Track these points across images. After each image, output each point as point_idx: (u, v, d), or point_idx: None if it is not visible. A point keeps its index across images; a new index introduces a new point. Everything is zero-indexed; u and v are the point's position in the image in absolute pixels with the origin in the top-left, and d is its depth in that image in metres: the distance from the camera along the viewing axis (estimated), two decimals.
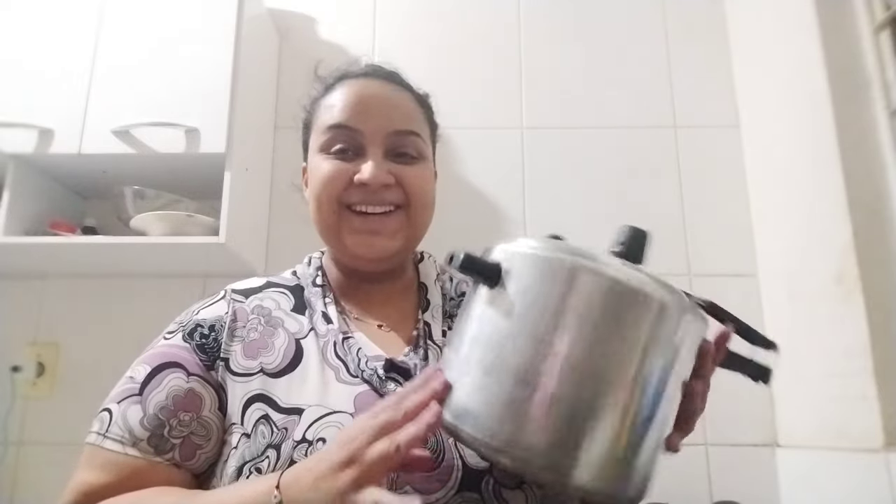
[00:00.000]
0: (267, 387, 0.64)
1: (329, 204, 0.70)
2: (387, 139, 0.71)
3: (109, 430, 0.62)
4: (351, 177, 0.70)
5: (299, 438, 0.59)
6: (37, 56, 1.34)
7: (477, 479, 0.59)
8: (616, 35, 1.65)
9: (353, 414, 0.61)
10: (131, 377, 0.65)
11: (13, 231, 1.28)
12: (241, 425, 0.62)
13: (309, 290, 0.74)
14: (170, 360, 0.65)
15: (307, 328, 0.70)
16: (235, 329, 0.68)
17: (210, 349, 0.66)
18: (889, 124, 1.15)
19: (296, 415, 0.61)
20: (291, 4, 1.67)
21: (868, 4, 1.21)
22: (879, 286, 1.12)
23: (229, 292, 0.73)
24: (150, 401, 0.63)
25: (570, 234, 1.72)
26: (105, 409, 0.64)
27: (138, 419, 0.62)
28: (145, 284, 1.49)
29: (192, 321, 0.69)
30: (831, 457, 1.18)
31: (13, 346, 1.46)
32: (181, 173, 1.38)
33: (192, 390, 0.64)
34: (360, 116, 0.71)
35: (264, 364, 0.66)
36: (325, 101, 0.75)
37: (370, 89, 0.74)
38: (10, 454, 1.40)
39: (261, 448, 0.59)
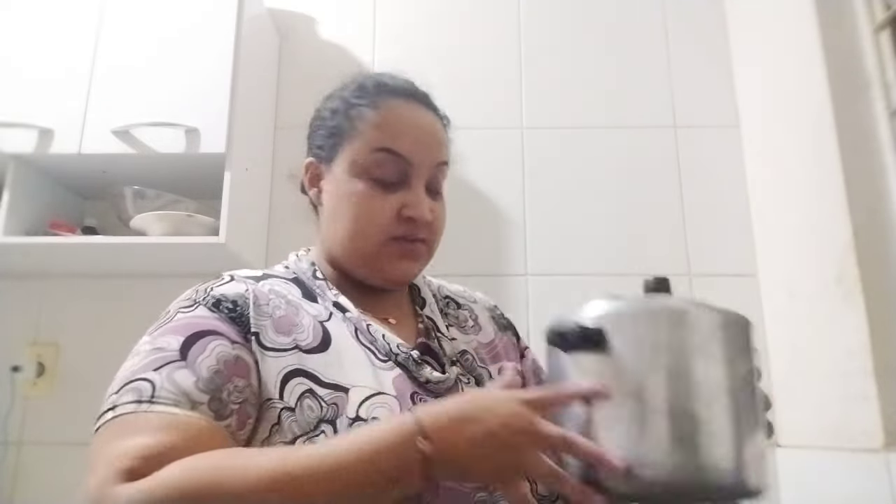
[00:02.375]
0: (305, 362, 0.62)
1: (376, 237, 0.70)
2: (430, 171, 0.72)
3: (157, 396, 0.54)
4: (396, 210, 0.70)
5: (353, 416, 0.59)
6: (37, 56, 1.34)
7: None
8: (616, 35, 1.65)
9: (396, 397, 0.62)
10: (158, 348, 0.59)
11: (13, 231, 1.28)
12: (281, 399, 0.60)
13: (311, 283, 0.73)
14: (205, 329, 0.61)
15: (326, 314, 0.69)
16: (259, 305, 0.65)
17: (240, 322, 0.63)
18: (889, 124, 1.15)
19: (342, 392, 0.61)
20: (291, 4, 1.67)
21: (868, 4, 1.21)
22: (879, 286, 1.12)
23: (238, 276, 0.70)
24: (200, 365, 0.57)
25: (570, 234, 1.71)
26: (137, 379, 0.56)
27: (192, 382, 0.56)
28: (145, 284, 1.49)
29: (210, 295, 0.65)
30: (831, 457, 1.18)
31: (13, 346, 1.46)
32: (181, 173, 1.38)
33: (239, 357, 0.60)
34: (411, 146, 0.71)
35: (298, 340, 0.64)
36: (369, 116, 0.72)
37: (420, 117, 0.74)
38: (10, 454, 1.40)
39: (312, 422, 0.58)
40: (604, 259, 1.51)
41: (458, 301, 0.85)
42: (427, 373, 0.67)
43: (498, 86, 1.62)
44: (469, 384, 0.71)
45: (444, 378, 0.68)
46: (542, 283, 1.50)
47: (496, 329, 0.85)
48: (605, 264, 1.50)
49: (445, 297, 0.85)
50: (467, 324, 0.82)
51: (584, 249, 1.52)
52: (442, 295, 0.85)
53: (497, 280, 1.50)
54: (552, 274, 1.50)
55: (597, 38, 1.65)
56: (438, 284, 0.87)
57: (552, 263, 1.51)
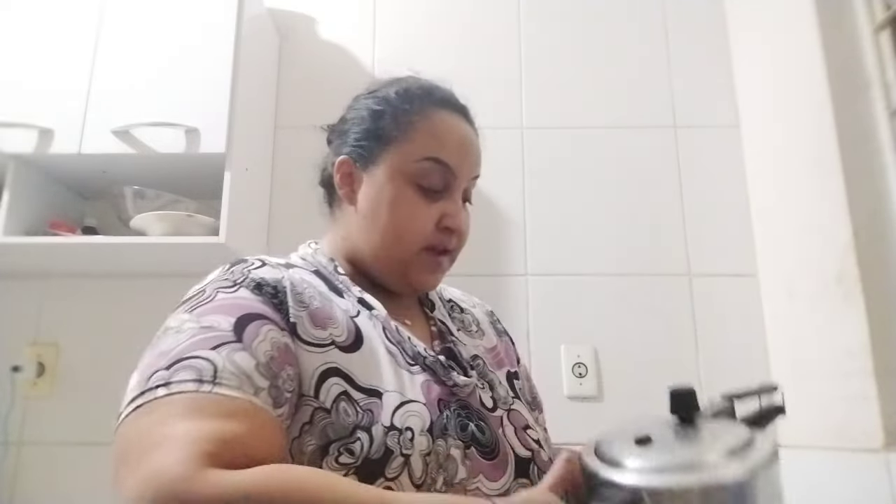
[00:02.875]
0: (342, 361, 0.60)
1: (411, 244, 0.71)
2: (467, 182, 0.75)
3: (220, 377, 0.50)
4: (437, 220, 0.71)
5: (388, 424, 0.57)
6: (37, 56, 1.34)
7: (525, 466, 0.65)
8: (616, 35, 1.65)
9: (426, 404, 0.61)
10: (208, 327, 0.54)
11: (13, 231, 1.28)
12: (316, 399, 0.57)
13: (334, 277, 0.72)
14: (254, 312, 0.57)
15: (354, 310, 0.68)
16: (296, 293, 0.62)
17: (281, 309, 0.60)
18: (889, 124, 1.15)
19: (375, 397, 0.59)
20: (291, 4, 1.67)
21: (868, 4, 1.21)
22: (879, 286, 1.12)
23: (269, 261, 0.67)
24: (257, 349, 0.54)
25: (570, 234, 1.71)
26: (192, 357, 0.51)
27: (252, 366, 0.52)
28: (145, 284, 1.49)
29: (250, 277, 0.61)
30: (831, 457, 1.18)
31: (13, 346, 1.46)
32: (181, 173, 1.38)
33: (287, 345, 0.57)
34: (457, 157, 0.73)
35: (334, 336, 0.62)
36: (420, 124, 0.72)
37: (465, 129, 0.76)
38: (10, 454, 1.40)
39: (348, 428, 0.56)
40: (604, 259, 1.51)
41: (460, 305, 0.86)
42: (455, 377, 0.67)
43: (498, 86, 1.62)
44: (484, 389, 0.70)
45: (469, 382, 0.68)
46: (542, 283, 1.50)
47: (495, 334, 0.86)
48: (605, 264, 1.50)
49: (449, 300, 0.85)
50: (472, 328, 0.83)
51: (584, 249, 1.52)
52: (445, 298, 0.85)
53: (497, 280, 1.50)
54: (552, 274, 1.50)
55: (597, 38, 1.65)
56: (441, 287, 0.86)
57: (552, 263, 1.51)
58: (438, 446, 0.58)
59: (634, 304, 1.48)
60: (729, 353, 1.44)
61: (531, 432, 0.69)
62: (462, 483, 0.58)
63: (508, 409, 0.70)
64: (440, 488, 0.56)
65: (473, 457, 0.60)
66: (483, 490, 0.59)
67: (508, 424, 0.68)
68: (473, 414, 0.65)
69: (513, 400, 0.73)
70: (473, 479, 0.59)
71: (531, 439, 0.68)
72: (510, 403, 0.72)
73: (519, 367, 0.84)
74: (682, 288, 1.49)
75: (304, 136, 1.65)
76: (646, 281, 1.49)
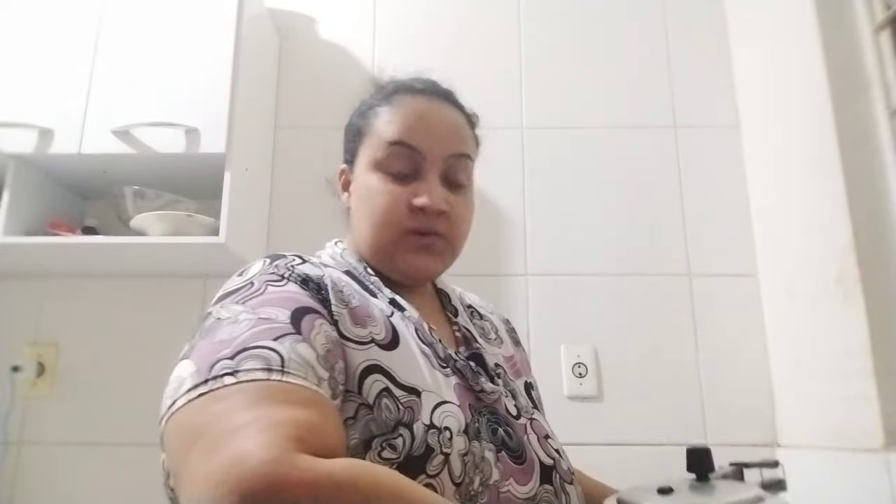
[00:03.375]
0: (382, 359, 0.60)
1: (389, 229, 0.70)
2: (444, 162, 0.72)
3: (287, 366, 0.49)
4: (409, 201, 0.70)
5: (428, 423, 0.57)
6: (37, 56, 1.34)
7: (549, 473, 0.65)
8: (616, 35, 1.65)
9: (460, 406, 0.61)
10: (267, 318, 0.54)
11: (13, 231, 1.28)
12: (359, 395, 0.57)
13: (366, 278, 0.72)
14: (307, 305, 0.57)
15: (389, 309, 0.68)
16: (336, 292, 0.63)
17: (327, 304, 0.60)
18: (889, 124, 1.15)
19: (415, 395, 0.59)
20: (291, 4, 1.67)
21: (868, 4, 1.21)
22: (879, 286, 1.12)
23: (310, 259, 0.68)
24: (315, 342, 0.54)
25: (570, 234, 1.71)
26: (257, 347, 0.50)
27: (314, 357, 0.52)
28: (145, 284, 1.49)
29: (296, 273, 0.62)
30: (831, 457, 1.18)
31: (13, 346, 1.46)
32: (181, 173, 1.38)
33: (336, 340, 0.58)
34: (421, 136, 0.71)
35: (374, 334, 0.62)
36: (383, 113, 0.73)
37: (432, 109, 0.74)
38: (10, 454, 1.40)
39: (390, 424, 0.56)
40: (604, 259, 1.51)
41: (479, 311, 0.86)
42: (483, 382, 0.67)
43: (498, 86, 1.62)
44: (508, 397, 0.71)
45: (496, 389, 0.68)
46: (542, 283, 1.50)
47: (512, 343, 0.86)
48: (605, 264, 1.50)
49: (469, 306, 0.85)
50: (491, 336, 0.82)
51: (584, 249, 1.52)
52: (465, 304, 0.84)
53: (497, 280, 1.50)
54: (552, 274, 1.50)
55: (597, 38, 1.65)
56: (460, 292, 0.87)
57: (552, 263, 1.51)
58: (474, 447, 0.59)
59: (634, 304, 1.48)
60: (729, 353, 1.44)
61: (551, 442, 0.70)
62: (496, 484, 0.59)
63: (530, 417, 0.71)
64: (477, 488, 0.57)
65: (504, 460, 0.61)
66: (514, 493, 0.60)
67: (532, 433, 0.69)
68: (501, 420, 0.66)
69: (532, 410, 0.74)
70: (506, 481, 0.60)
71: (552, 448, 0.69)
72: (531, 413, 0.72)
73: (532, 377, 0.85)
74: (682, 288, 1.49)
75: (304, 136, 1.66)
76: (646, 281, 1.49)
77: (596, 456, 0.90)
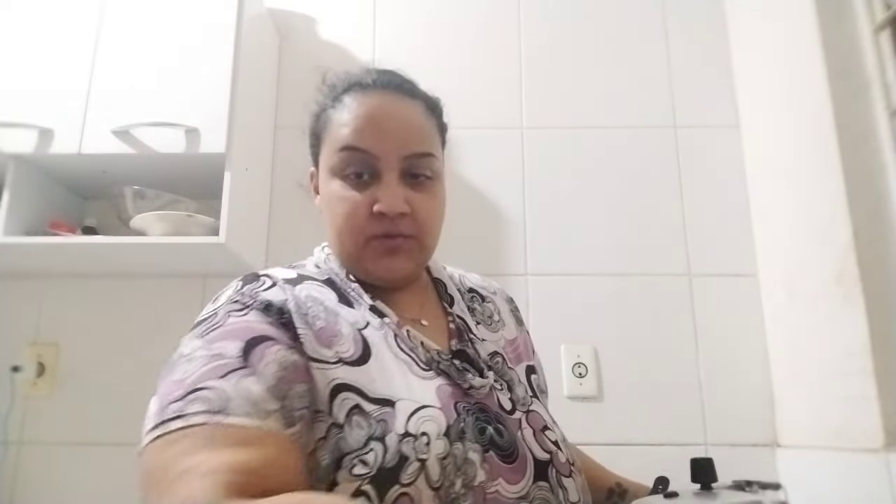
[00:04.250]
0: (351, 376, 0.61)
1: (353, 237, 0.69)
2: (402, 162, 0.69)
3: (230, 408, 0.51)
4: (369, 207, 0.68)
5: (402, 432, 0.58)
6: (37, 56, 1.34)
7: (544, 469, 0.64)
8: (616, 35, 1.65)
9: (441, 408, 0.61)
10: (218, 354, 0.56)
11: (13, 231, 1.28)
12: (330, 415, 0.58)
13: (346, 285, 0.71)
14: (261, 335, 0.59)
15: (363, 321, 0.67)
16: (300, 313, 0.63)
17: (289, 328, 0.61)
18: (889, 124, 1.15)
19: (388, 406, 0.59)
20: (291, 4, 1.67)
21: (868, 4, 1.21)
22: (879, 286, 1.12)
23: (277, 279, 0.67)
24: (264, 372, 0.55)
25: (570, 234, 1.70)
26: (202, 388, 0.53)
27: (261, 390, 0.53)
28: (145, 284, 1.49)
29: (259, 299, 0.63)
30: (831, 457, 1.18)
31: (13, 346, 1.46)
32: (181, 173, 1.38)
33: (297, 361, 0.58)
34: (373, 139, 0.68)
35: (340, 353, 0.62)
36: (335, 116, 0.72)
37: (384, 106, 0.70)
38: (10, 454, 1.40)
39: (361, 440, 0.57)
40: (604, 259, 1.51)
41: (482, 294, 0.84)
42: (470, 379, 0.66)
43: (498, 86, 1.62)
44: (502, 390, 0.70)
45: (486, 383, 0.67)
46: (542, 283, 1.50)
47: (516, 324, 0.85)
48: (605, 264, 1.50)
49: (469, 289, 0.84)
50: (493, 319, 0.81)
51: (584, 249, 1.52)
52: (466, 287, 0.83)
53: (497, 280, 1.49)
54: (552, 274, 1.50)
55: (597, 38, 1.65)
56: (460, 275, 0.85)
57: (552, 263, 1.51)
58: (456, 449, 0.59)
59: (634, 304, 1.48)
60: (729, 353, 1.44)
61: (549, 433, 0.69)
62: (481, 485, 0.58)
63: (527, 410, 0.70)
64: (459, 490, 0.57)
65: (492, 460, 0.60)
66: (503, 493, 0.59)
67: (527, 427, 0.67)
68: (492, 417, 0.65)
69: (531, 400, 0.72)
70: (493, 481, 0.59)
71: (549, 441, 0.68)
72: (529, 404, 0.71)
73: (535, 359, 0.84)
74: (682, 288, 1.49)
75: (304, 137, 1.66)
76: (646, 281, 1.49)
77: (596, 456, 0.90)
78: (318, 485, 0.55)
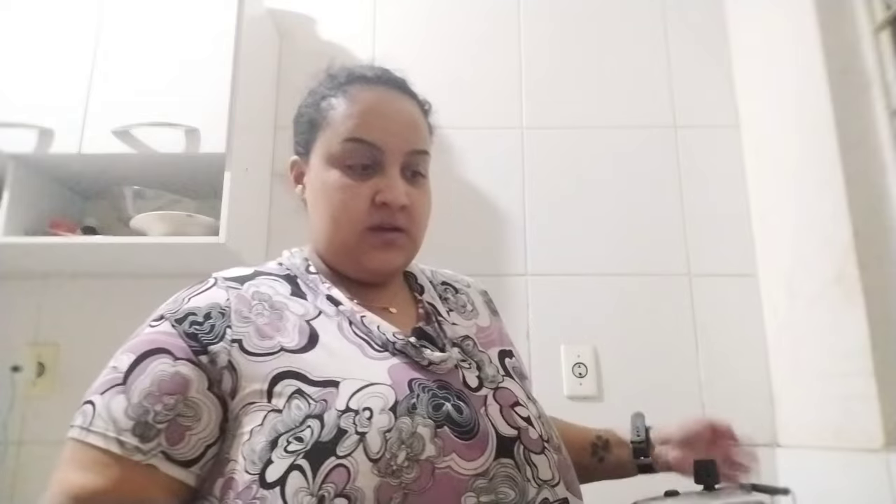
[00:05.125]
0: (293, 363, 0.62)
1: (350, 226, 0.70)
2: (404, 157, 0.71)
3: (93, 423, 0.59)
4: (370, 197, 0.69)
5: (343, 408, 0.58)
6: (37, 56, 1.34)
7: (509, 445, 0.63)
8: (616, 35, 1.65)
9: (391, 385, 0.61)
10: (115, 367, 0.62)
11: (13, 231, 1.28)
12: (269, 402, 0.60)
13: (304, 278, 0.73)
14: (156, 347, 0.62)
15: (314, 311, 0.69)
16: (241, 313, 0.65)
17: (203, 335, 0.63)
18: (889, 124, 1.15)
19: (331, 387, 0.60)
20: (291, 4, 1.67)
21: (868, 4, 1.21)
22: (879, 286, 1.12)
23: (221, 279, 0.70)
24: (134, 389, 0.60)
25: (570, 234, 1.70)
26: (87, 401, 0.61)
27: (122, 409, 0.59)
28: (145, 284, 1.49)
29: (182, 310, 0.66)
30: (831, 457, 1.18)
31: (13, 346, 1.46)
32: (181, 173, 1.38)
33: (178, 373, 0.61)
34: (381, 133, 0.70)
35: (283, 343, 0.64)
36: (338, 106, 0.73)
37: (390, 102, 0.73)
38: (10, 454, 1.40)
39: (298, 419, 0.58)
40: (604, 259, 1.51)
41: (454, 286, 0.86)
42: (428, 354, 0.66)
43: (498, 86, 1.62)
44: (470, 369, 0.70)
45: (446, 357, 0.67)
46: (542, 283, 1.50)
47: (490, 314, 0.86)
48: (605, 264, 1.50)
49: (442, 282, 0.85)
50: (467, 308, 0.83)
51: (584, 249, 1.52)
52: (438, 281, 0.85)
53: (497, 280, 1.50)
54: (552, 274, 1.50)
55: (597, 38, 1.65)
56: (431, 270, 0.87)
57: (552, 263, 1.51)
58: (402, 423, 0.58)
59: (634, 304, 1.48)
60: (729, 353, 1.44)
61: (520, 409, 0.68)
62: (430, 460, 0.57)
63: (496, 387, 0.69)
64: (402, 463, 0.56)
65: (446, 436, 0.60)
66: (456, 469, 0.58)
67: (493, 403, 0.66)
68: (452, 394, 0.64)
69: (503, 378, 0.72)
70: (445, 457, 0.58)
71: (519, 417, 0.66)
72: (499, 382, 0.70)
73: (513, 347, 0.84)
74: (682, 288, 1.49)
75: None
76: (646, 281, 1.49)
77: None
78: (251, 468, 0.57)
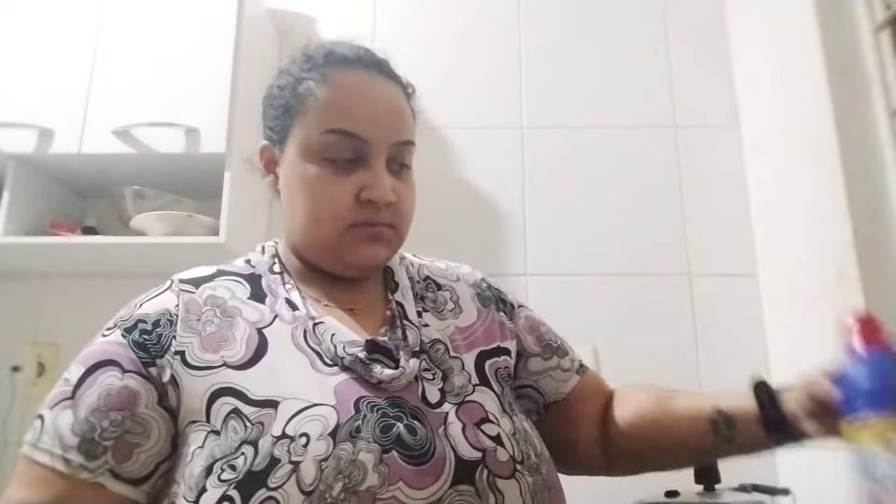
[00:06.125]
0: (233, 379, 0.58)
1: (333, 224, 0.65)
2: (390, 149, 0.66)
3: (40, 440, 0.59)
4: (354, 194, 0.64)
5: (279, 434, 0.54)
6: (37, 56, 1.34)
7: (471, 470, 0.57)
8: (616, 35, 1.65)
9: (335, 406, 0.57)
10: (66, 379, 0.61)
11: (13, 231, 1.28)
12: (208, 422, 0.57)
13: (267, 277, 0.69)
14: (105, 359, 0.61)
15: (269, 317, 0.65)
16: (189, 321, 0.62)
17: (152, 345, 0.61)
18: (889, 124, 1.15)
19: (270, 408, 0.56)
20: (291, 4, 1.67)
21: (868, 4, 1.21)
22: (879, 286, 1.11)
23: (176, 282, 0.67)
24: (82, 404, 0.58)
25: (570, 234, 1.70)
26: (38, 415, 0.60)
27: (69, 425, 0.58)
28: (145, 284, 1.47)
29: (132, 316, 0.64)
30: (831, 456, 1.18)
31: (13, 346, 1.46)
32: (181, 173, 1.38)
33: (126, 387, 0.58)
34: (365, 123, 0.65)
35: (226, 357, 0.60)
36: (318, 91, 0.66)
37: (375, 89, 0.67)
38: (10, 454, 1.40)
39: (234, 445, 0.54)
40: (604, 259, 1.51)
41: (438, 282, 0.78)
42: (377, 372, 0.60)
43: (498, 86, 1.62)
44: (433, 380, 0.64)
45: (398, 374, 0.61)
46: (542, 283, 1.50)
47: (479, 307, 0.78)
48: (605, 264, 1.50)
49: (426, 277, 0.78)
50: (446, 307, 0.75)
51: (584, 249, 1.52)
52: (423, 276, 0.78)
53: (497, 280, 1.49)
54: (552, 274, 1.50)
55: (597, 38, 1.65)
56: (420, 264, 0.80)
57: (552, 263, 1.51)
58: (341, 451, 0.54)
59: (634, 304, 1.48)
60: (729, 353, 1.44)
61: (489, 427, 0.61)
62: (370, 490, 0.52)
63: (461, 401, 0.62)
64: (338, 495, 0.52)
65: (393, 462, 0.54)
66: (401, 499, 0.53)
67: (455, 421, 0.60)
68: (406, 413, 0.58)
69: (473, 388, 0.65)
70: (390, 486, 0.53)
71: (486, 435, 0.59)
72: (467, 394, 0.64)
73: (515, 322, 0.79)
74: (682, 288, 1.49)
75: None
76: (646, 281, 1.49)
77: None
78: (189, 494, 0.54)
